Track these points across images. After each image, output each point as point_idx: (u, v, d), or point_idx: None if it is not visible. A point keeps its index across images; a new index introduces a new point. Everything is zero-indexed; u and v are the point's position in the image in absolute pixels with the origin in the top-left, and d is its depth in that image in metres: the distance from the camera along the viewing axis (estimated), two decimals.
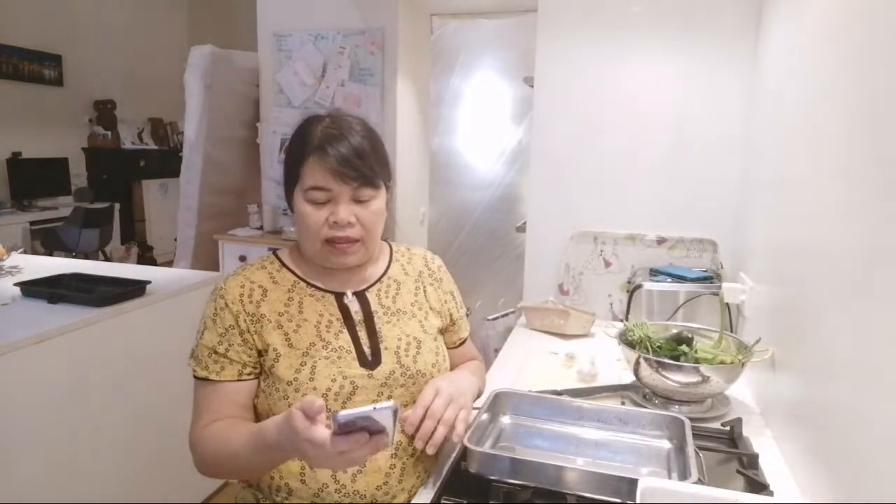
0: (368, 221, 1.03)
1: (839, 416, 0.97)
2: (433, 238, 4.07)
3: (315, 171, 1.00)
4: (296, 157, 1.03)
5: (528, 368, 1.67)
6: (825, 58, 1.22)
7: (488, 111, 3.92)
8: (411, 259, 1.21)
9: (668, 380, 1.34)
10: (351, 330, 1.06)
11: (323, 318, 1.05)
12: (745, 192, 1.99)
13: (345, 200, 1.01)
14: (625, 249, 2.33)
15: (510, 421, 1.22)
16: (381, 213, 1.06)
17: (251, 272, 1.08)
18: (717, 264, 2.20)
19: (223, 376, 1.01)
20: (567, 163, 2.34)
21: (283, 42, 3.59)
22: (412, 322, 1.12)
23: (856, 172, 0.98)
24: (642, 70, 2.22)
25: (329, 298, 1.08)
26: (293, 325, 1.03)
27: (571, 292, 2.39)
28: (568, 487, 0.95)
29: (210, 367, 1.01)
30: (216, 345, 1.01)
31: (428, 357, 1.09)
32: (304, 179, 1.01)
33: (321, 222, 1.01)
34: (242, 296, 1.04)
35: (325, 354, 1.02)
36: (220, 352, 1.01)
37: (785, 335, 1.33)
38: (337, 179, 0.99)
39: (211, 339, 1.02)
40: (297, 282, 1.08)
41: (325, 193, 1.00)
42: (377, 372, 1.03)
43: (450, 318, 1.20)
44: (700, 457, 1.07)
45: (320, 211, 1.01)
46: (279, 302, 1.05)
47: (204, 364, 1.01)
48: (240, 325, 1.01)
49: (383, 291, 1.13)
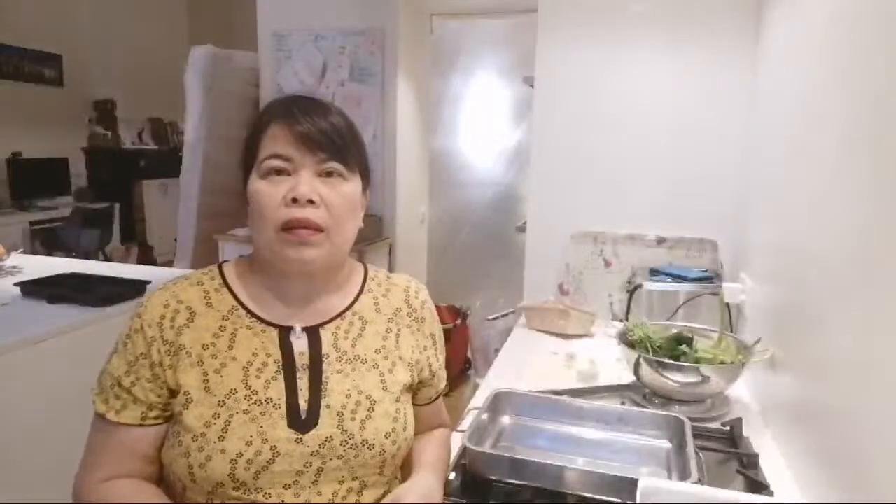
0: (336, 204, 0.84)
1: (839, 416, 0.97)
2: (433, 238, 4.07)
3: (276, 139, 0.83)
4: (255, 131, 0.86)
5: (528, 368, 1.67)
6: (824, 58, 1.22)
7: (488, 111, 3.92)
8: (389, 290, 0.98)
9: (668, 380, 1.34)
10: (288, 377, 0.84)
11: (257, 357, 0.84)
12: (745, 191, 1.99)
13: (308, 173, 0.83)
14: (625, 249, 2.32)
15: (510, 421, 1.22)
16: (352, 200, 0.87)
17: (182, 288, 0.87)
18: (717, 264, 2.20)
19: (122, 417, 0.82)
20: (567, 163, 2.34)
21: (283, 42, 3.59)
22: (370, 375, 0.89)
23: (856, 172, 0.98)
24: (642, 70, 2.22)
25: (270, 334, 0.86)
26: (216, 364, 0.82)
27: (571, 292, 2.39)
28: (568, 487, 0.95)
29: (110, 402, 0.83)
30: (122, 375, 0.83)
31: (381, 423, 0.86)
32: (261, 153, 0.84)
33: (277, 200, 0.81)
34: (163, 318, 0.83)
35: (245, 407, 0.81)
36: (124, 385, 0.82)
37: (785, 335, 1.33)
38: (300, 147, 0.82)
39: (118, 367, 0.83)
40: (235, 308, 0.87)
41: (283, 162, 0.82)
42: (309, 437, 0.81)
43: (428, 369, 0.98)
44: (700, 457, 1.07)
45: (278, 187, 0.82)
46: (207, 331, 0.84)
47: (105, 396, 0.83)
48: (152, 355, 0.82)
49: (343, 330, 0.90)
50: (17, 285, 2.07)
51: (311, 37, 3.53)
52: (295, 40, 3.56)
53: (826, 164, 1.13)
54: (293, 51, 3.57)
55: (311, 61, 3.55)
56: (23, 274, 2.32)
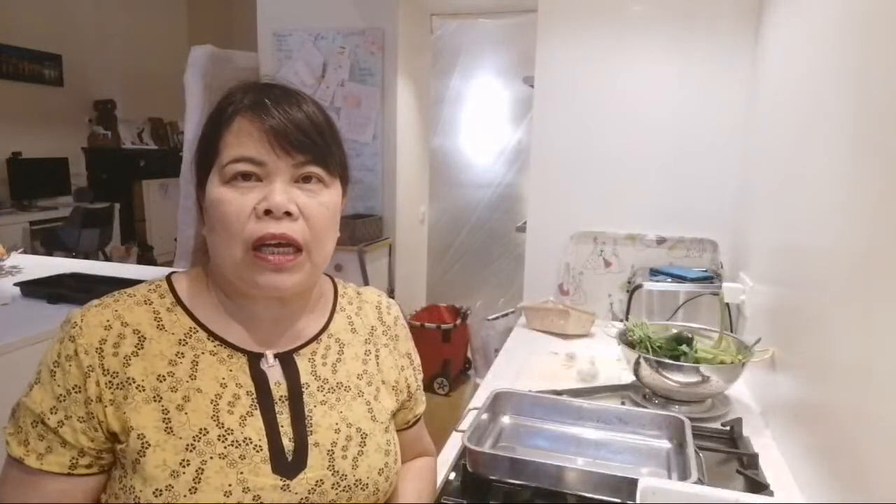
0: (317, 216, 0.70)
1: (839, 416, 0.97)
2: (433, 238, 4.07)
3: (241, 138, 0.68)
4: (214, 126, 0.71)
5: (528, 368, 1.67)
6: (824, 57, 1.22)
7: (488, 111, 3.93)
8: (361, 308, 0.86)
9: (668, 380, 1.34)
10: (267, 412, 0.71)
11: (226, 389, 0.70)
12: (745, 191, 1.99)
13: (283, 179, 0.68)
14: (625, 249, 2.32)
15: (510, 421, 1.22)
16: (334, 210, 0.73)
17: (126, 307, 0.70)
18: (717, 264, 2.20)
19: (46, 464, 0.65)
20: (567, 163, 2.34)
21: (283, 42, 3.59)
22: (356, 404, 0.77)
23: (856, 172, 0.98)
24: (642, 70, 2.22)
25: (238, 360, 0.72)
26: (177, 399, 0.67)
27: (571, 292, 2.39)
28: (568, 487, 0.95)
29: (30, 444, 0.66)
30: (46, 411, 0.66)
31: (375, 459, 0.76)
32: (224, 152, 0.69)
33: (246, 213, 0.67)
34: (104, 343, 0.67)
35: (220, 450, 0.67)
36: (49, 424, 0.65)
37: (785, 335, 1.33)
38: (274, 148, 0.67)
39: (41, 401, 0.66)
40: (194, 329, 0.72)
41: (253, 167, 0.67)
42: (297, 482, 0.69)
43: (406, 391, 0.86)
44: (700, 457, 1.07)
45: (245, 196, 0.67)
46: (161, 359, 0.68)
47: (23, 436, 0.66)
48: (88, 388, 0.65)
49: (320, 355, 0.78)
50: (17, 285, 2.07)
51: (311, 37, 3.53)
52: (295, 40, 3.56)
53: (826, 164, 1.13)
54: (293, 51, 3.57)
55: (311, 61, 3.55)
56: (23, 274, 2.33)
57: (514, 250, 3.82)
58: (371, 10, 3.43)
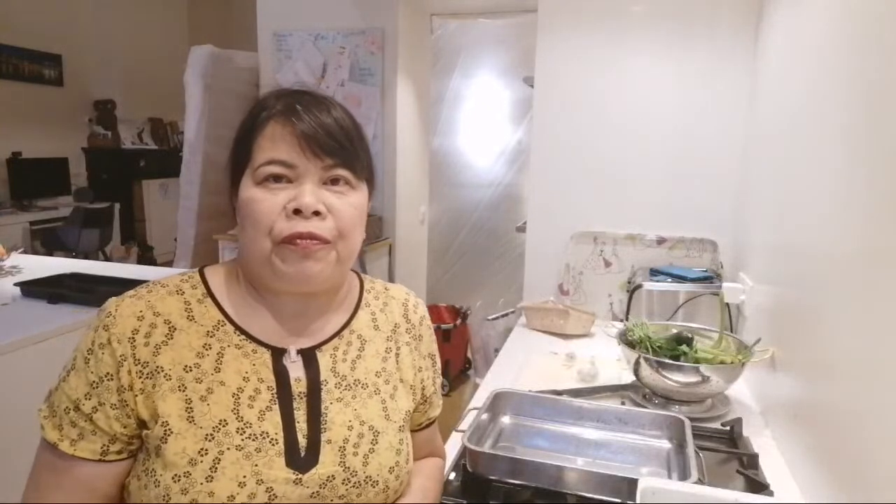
0: (345, 216, 0.73)
1: (839, 416, 0.97)
2: (433, 238, 4.07)
3: (274, 141, 0.72)
4: (248, 130, 0.75)
5: (528, 368, 1.67)
6: (824, 58, 1.22)
7: (488, 111, 3.92)
8: (387, 304, 0.88)
9: (668, 380, 1.34)
10: (285, 408, 0.73)
11: (248, 383, 0.73)
12: (745, 191, 1.99)
13: (312, 181, 0.72)
14: (625, 249, 2.32)
15: (510, 421, 1.22)
16: (361, 210, 0.77)
17: (158, 297, 0.74)
18: (717, 264, 2.20)
19: (79, 450, 0.69)
20: (567, 163, 2.34)
21: (283, 42, 3.59)
22: (371, 402, 0.80)
23: (855, 172, 0.98)
24: (642, 70, 2.22)
25: (262, 356, 0.75)
26: (201, 389, 0.71)
27: (571, 292, 2.39)
28: (568, 487, 0.95)
29: (64, 430, 0.69)
30: (81, 398, 0.69)
31: (386, 458, 0.78)
32: (257, 155, 0.72)
33: (276, 211, 0.71)
34: (137, 332, 0.70)
35: (237, 442, 0.70)
36: (83, 410, 0.69)
37: (785, 335, 1.33)
38: (304, 151, 0.71)
39: (77, 388, 0.70)
40: (221, 322, 0.75)
41: (284, 169, 0.71)
42: (309, 477, 0.72)
43: (422, 392, 0.88)
44: (700, 457, 1.07)
45: (276, 196, 0.71)
46: (189, 350, 0.72)
47: (58, 421, 0.70)
48: (121, 377, 0.69)
49: (341, 351, 0.80)
50: (17, 285, 2.07)
51: (311, 37, 3.53)
52: (295, 40, 3.56)
53: (826, 163, 1.14)
54: (293, 51, 3.57)
55: (311, 61, 3.55)
56: (23, 274, 2.33)
57: (514, 250, 3.82)
58: (371, 10, 3.43)
